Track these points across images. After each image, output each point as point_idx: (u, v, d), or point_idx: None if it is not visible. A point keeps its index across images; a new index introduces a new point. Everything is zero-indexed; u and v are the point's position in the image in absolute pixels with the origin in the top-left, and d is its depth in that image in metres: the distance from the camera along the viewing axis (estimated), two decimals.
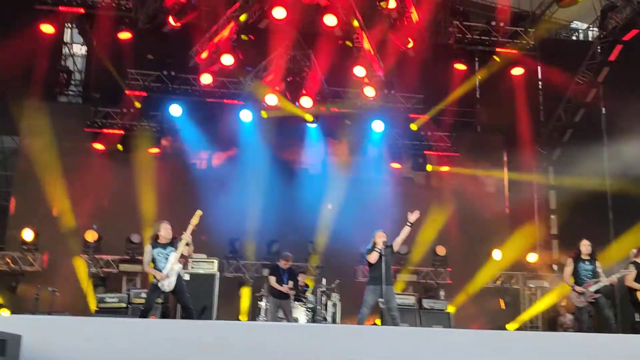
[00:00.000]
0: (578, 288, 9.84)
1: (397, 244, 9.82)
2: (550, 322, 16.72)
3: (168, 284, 9.13)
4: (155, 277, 9.15)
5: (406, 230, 9.75)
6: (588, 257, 10.01)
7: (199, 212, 9.43)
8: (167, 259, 9.18)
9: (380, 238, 9.70)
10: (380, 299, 9.48)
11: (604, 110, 18.31)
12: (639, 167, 14.93)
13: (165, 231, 9.37)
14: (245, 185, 16.53)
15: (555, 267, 17.54)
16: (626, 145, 15.36)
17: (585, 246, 10.03)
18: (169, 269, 9.13)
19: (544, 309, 17.09)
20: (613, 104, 17.78)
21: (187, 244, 9.40)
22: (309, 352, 6.53)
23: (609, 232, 17.16)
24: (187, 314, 9.27)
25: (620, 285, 14.11)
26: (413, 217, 9.73)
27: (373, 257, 9.63)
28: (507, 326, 16.69)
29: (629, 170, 15.29)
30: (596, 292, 9.80)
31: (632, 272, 9.92)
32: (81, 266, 15.29)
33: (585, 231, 15.89)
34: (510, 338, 8.40)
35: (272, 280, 12.06)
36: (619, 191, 16.89)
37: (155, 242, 9.34)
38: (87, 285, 14.44)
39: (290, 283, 12.15)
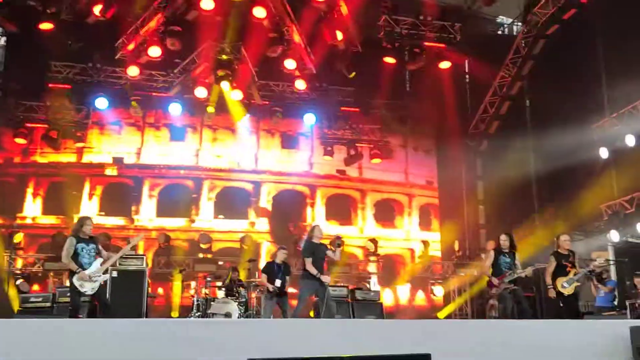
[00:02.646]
0: (494, 280, 10.24)
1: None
2: (479, 308, 17.15)
3: (92, 289, 8.93)
4: (75, 275, 8.88)
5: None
6: (507, 250, 10.33)
7: (142, 234, 9.39)
8: (89, 254, 9.03)
9: (319, 231, 9.81)
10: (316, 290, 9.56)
11: (528, 102, 18.84)
12: (562, 157, 15.41)
13: (88, 227, 9.19)
14: (175, 178, 16.28)
15: (483, 255, 17.98)
16: (549, 137, 15.84)
17: (502, 240, 10.44)
18: (94, 272, 8.92)
19: (473, 296, 17.51)
20: (537, 97, 18.33)
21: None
22: (241, 348, 6.46)
23: (534, 220, 17.71)
24: (105, 311, 9.08)
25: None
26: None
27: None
28: (438, 314, 17.06)
29: (552, 161, 15.78)
30: (513, 283, 10.14)
31: (551, 264, 10.25)
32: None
33: (512, 220, 16.50)
34: (441, 326, 8.56)
35: (264, 279, 11.50)
36: (543, 181, 17.43)
37: (79, 236, 9.12)
38: (9, 284, 13.93)
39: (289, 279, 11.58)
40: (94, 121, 16.57)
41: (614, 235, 14.30)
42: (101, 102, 16.12)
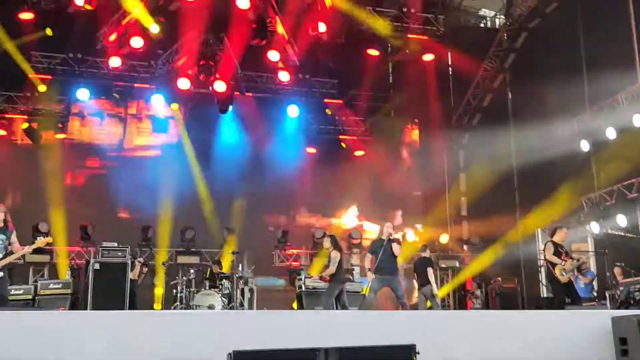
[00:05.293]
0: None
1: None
2: (462, 299, 17.26)
3: None
4: None
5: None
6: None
7: (49, 239, 9.18)
8: None
9: (387, 229, 10.12)
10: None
11: (510, 95, 18.95)
12: (543, 149, 15.52)
13: None
14: (157, 170, 16.18)
15: (465, 247, 18.09)
16: (531, 129, 15.94)
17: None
18: None
19: (455, 287, 17.62)
20: (518, 89, 18.44)
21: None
22: (225, 340, 6.46)
23: (515, 212, 17.84)
24: (1, 302, 8.60)
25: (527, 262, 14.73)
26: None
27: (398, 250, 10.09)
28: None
29: (533, 153, 15.88)
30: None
31: (550, 249, 10.26)
32: None
33: (494, 212, 16.62)
34: (424, 317, 8.60)
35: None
36: (525, 173, 17.55)
37: None
38: None
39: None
40: (75, 112, 16.42)
41: (594, 227, 14.44)
42: (82, 93, 15.98)
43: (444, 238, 17.97)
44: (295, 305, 13.17)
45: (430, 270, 12.03)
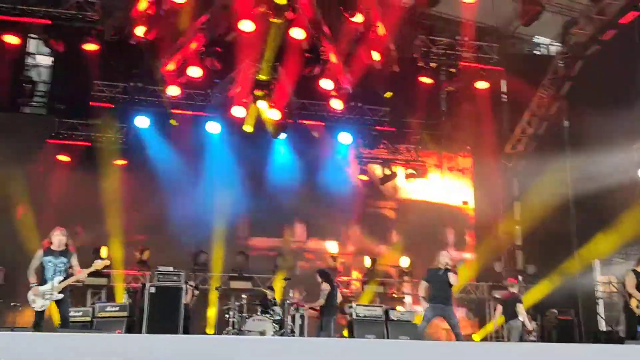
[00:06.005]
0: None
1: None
2: None
3: (41, 306, 8.69)
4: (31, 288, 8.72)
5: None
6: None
7: (106, 262, 9.42)
8: (55, 269, 8.79)
9: (443, 258, 10.09)
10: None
11: (566, 123, 18.66)
12: (601, 179, 15.21)
13: (57, 239, 8.88)
14: (211, 197, 16.46)
15: (520, 277, 17.76)
16: (588, 158, 15.65)
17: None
18: (48, 290, 8.69)
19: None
20: (575, 117, 18.14)
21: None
22: None
23: (572, 242, 17.45)
24: (63, 324, 8.93)
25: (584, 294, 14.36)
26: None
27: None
28: (473, 336, 16.87)
29: (590, 182, 15.57)
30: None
31: (631, 279, 10.04)
32: None
33: (549, 241, 16.30)
34: (477, 349, 8.49)
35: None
36: (582, 202, 17.20)
37: (48, 249, 8.89)
38: None
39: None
40: (135, 139, 16.84)
41: None
42: (142, 121, 16.44)
43: (498, 267, 17.70)
44: (345, 333, 13.14)
45: (520, 306, 12.49)
